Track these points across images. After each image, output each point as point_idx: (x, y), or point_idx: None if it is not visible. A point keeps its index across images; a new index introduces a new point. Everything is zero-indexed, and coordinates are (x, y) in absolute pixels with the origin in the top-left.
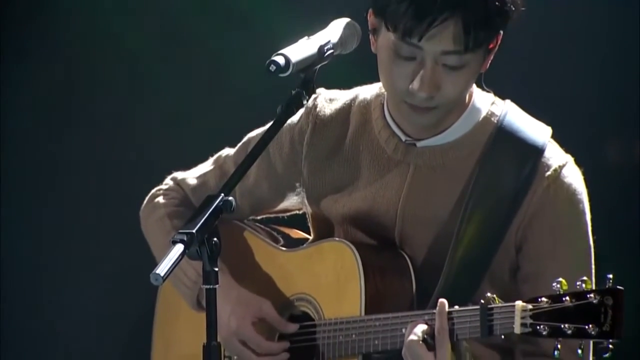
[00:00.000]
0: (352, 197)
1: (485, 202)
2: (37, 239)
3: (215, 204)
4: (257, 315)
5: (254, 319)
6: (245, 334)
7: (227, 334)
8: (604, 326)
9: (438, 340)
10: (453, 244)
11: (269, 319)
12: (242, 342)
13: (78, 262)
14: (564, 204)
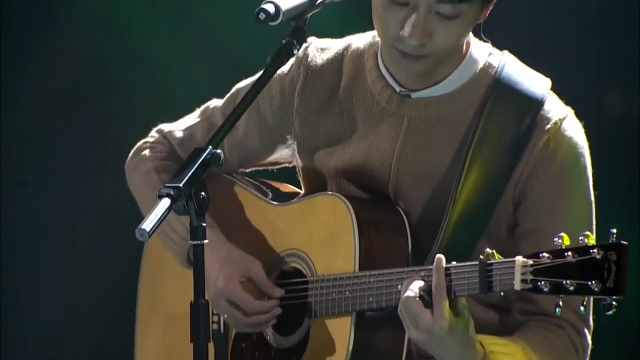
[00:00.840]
0: (346, 150)
1: (483, 157)
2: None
3: (203, 156)
4: (245, 274)
5: (242, 278)
6: (233, 293)
7: (215, 293)
8: (608, 282)
9: (435, 297)
10: (451, 200)
11: (256, 280)
12: (230, 302)
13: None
14: (564, 158)
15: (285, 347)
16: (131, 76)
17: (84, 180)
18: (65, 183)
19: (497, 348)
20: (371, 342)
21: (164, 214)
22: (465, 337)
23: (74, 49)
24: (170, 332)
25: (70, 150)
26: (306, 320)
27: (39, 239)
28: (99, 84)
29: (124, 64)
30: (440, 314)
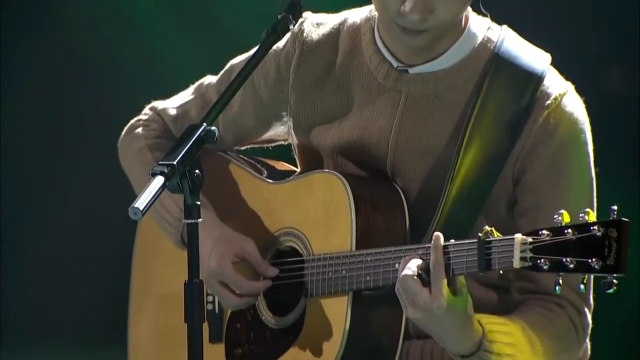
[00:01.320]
0: (342, 127)
1: (482, 133)
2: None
3: (197, 134)
4: (238, 254)
5: (235, 259)
6: (225, 274)
7: (207, 274)
8: (608, 260)
9: (433, 276)
10: (449, 177)
11: (250, 260)
12: (222, 283)
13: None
14: (564, 133)
15: (281, 327)
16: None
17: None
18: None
19: (496, 327)
20: (368, 322)
21: (158, 192)
22: (464, 316)
23: (69, 36)
24: (164, 312)
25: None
26: (302, 300)
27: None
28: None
29: (120, 40)
30: (438, 292)
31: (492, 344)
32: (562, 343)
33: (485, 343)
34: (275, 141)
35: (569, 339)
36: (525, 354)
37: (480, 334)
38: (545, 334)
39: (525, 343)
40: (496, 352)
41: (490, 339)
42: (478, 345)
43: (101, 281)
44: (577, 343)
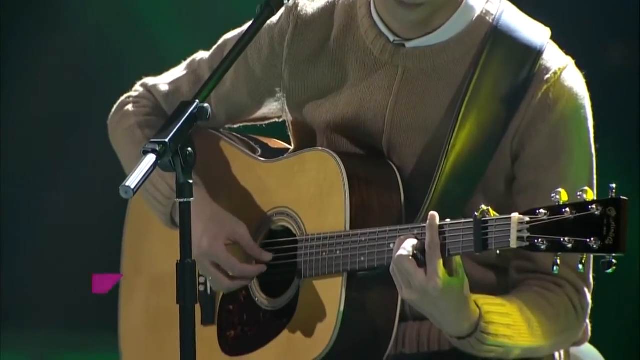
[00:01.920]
0: (337, 103)
1: (478, 108)
2: None
3: (189, 111)
4: (230, 237)
5: (227, 241)
6: (217, 255)
7: (198, 255)
8: (607, 239)
9: (429, 256)
10: (444, 152)
11: (242, 244)
12: (214, 264)
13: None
14: (564, 109)
15: (274, 308)
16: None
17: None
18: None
19: (493, 308)
20: (363, 304)
21: (149, 170)
22: (460, 297)
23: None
24: (156, 293)
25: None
26: (295, 281)
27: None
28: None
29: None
30: (434, 273)
31: (489, 325)
32: (561, 323)
33: (482, 324)
34: (269, 119)
35: (568, 319)
36: (523, 334)
37: (477, 315)
38: (544, 315)
39: (523, 324)
40: (493, 334)
41: (487, 320)
42: (475, 327)
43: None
44: (577, 323)
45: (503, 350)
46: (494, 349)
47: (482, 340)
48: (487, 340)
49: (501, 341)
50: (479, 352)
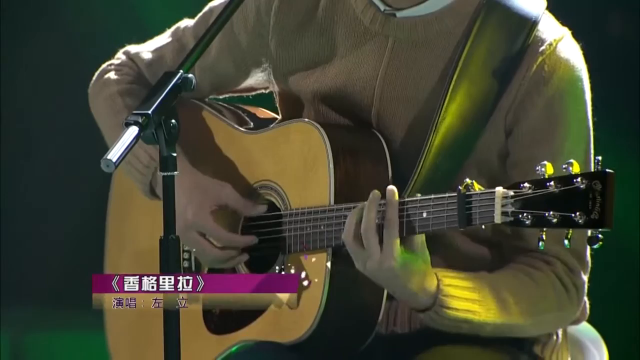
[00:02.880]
0: (325, 73)
1: (469, 79)
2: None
3: (173, 82)
4: (216, 202)
5: (213, 207)
6: (203, 224)
7: (183, 226)
8: (592, 214)
9: (385, 234)
10: (433, 124)
11: (230, 203)
12: (200, 234)
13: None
14: (560, 82)
15: None
16: None
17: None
18: None
19: (454, 282)
20: (349, 279)
21: (131, 143)
22: (419, 275)
23: None
24: (140, 270)
25: None
26: (280, 257)
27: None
28: None
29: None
30: (389, 253)
31: (447, 298)
32: (547, 303)
33: (440, 298)
34: (256, 90)
35: (557, 299)
36: (491, 311)
37: (435, 289)
38: (525, 292)
39: (492, 300)
40: (453, 307)
41: (446, 294)
42: (433, 300)
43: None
44: (569, 303)
45: (468, 326)
46: (458, 325)
47: (441, 314)
48: (446, 314)
49: (464, 316)
50: (441, 326)
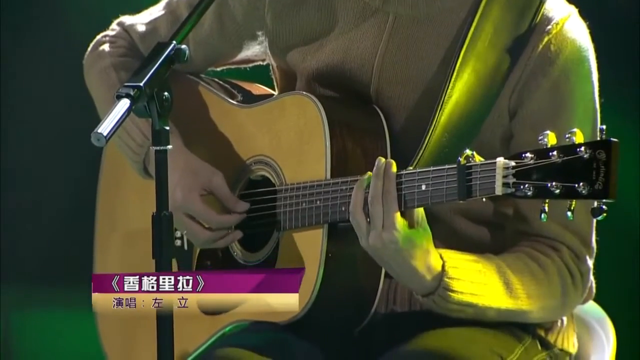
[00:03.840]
0: (323, 49)
1: (477, 57)
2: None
3: (166, 53)
4: (206, 187)
5: (202, 191)
6: (193, 207)
7: (173, 207)
8: (596, 184)
9: (385, 208)
10: (439, 102)
11: (218, 194)
12: (189, 217)
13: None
14: (566, 62)
15: (253, 263)
16: None
17: None
18: None
19: (460, 263)
20: (346, 257)
21: (123, 116)
22: (421, 251)
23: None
24: (131, 248)
25: None
26: (275, 234)
27: None
28: None
29: None
30: (390, 226)
31: (453, 281)
32: (552, 289)
33: (445, 280)
34: (253, 62)
35: (562, 286)
36: (498, 295)
37: (440, 270)
38: (531, 278)
39: (498, 284)
40: (458, 291)
41: (451, 276)
42: (438, 282)
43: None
44: (574, 290)
45: (473, 311)
46: (463, 309)
47: (446, 297)
48: (451, 297)
49: (469, 300)
50: (445, 310)
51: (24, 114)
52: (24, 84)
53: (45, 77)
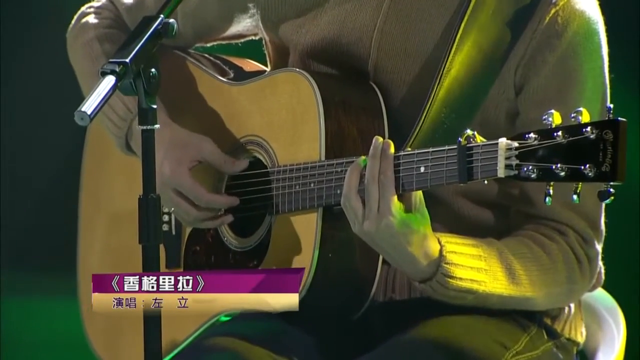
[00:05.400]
0: (317, 22)
1: (479, 29)
2: None
3: (153, 27)
4: (196, 157)
5: (192, 164)
6: (181, 182)
7: (160, 183)
8: (603, 166)
9: (381, 190)
10: (437, 75)
11: (210, 160)
12: (177, 193)
13: None
14: (574, 35)
15: (245, 248)
16: None
17: None
18: None
19: (459, 248)
20: (341, 242)
21: (108, 94)
22: (419, 236)
23: None
24: (116, 232)
25: None
26: (267, 218)
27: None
28: None
29: None
30: (386, 209)
31: (451, 266)
32: (557, 274)
33: (443, 266)
34: (245, 37)
35: (568, 271)
36: (499, 281)
37: (438, 255)
38: (535, 263)
39: (500, 270)
40: (457, 277)
41: (449, 261)
42: (436, 268)
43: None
44: (581, 276)
45: (473, 297)
46: (463, 295)
47: (444, 283)
48: (449, 283)
49: (468, 286)
50: (444, 297)
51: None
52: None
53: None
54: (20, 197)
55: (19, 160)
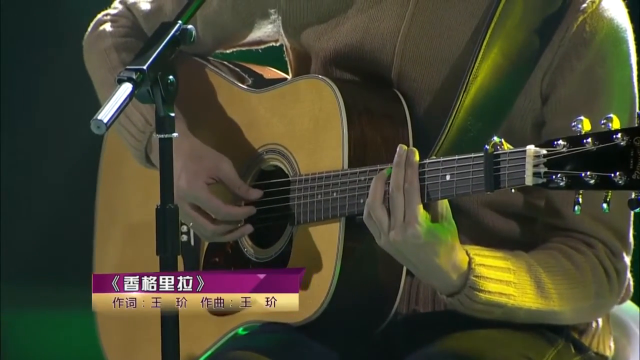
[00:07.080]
0: (340, 29)
1: (506, 36)
2: None
3: (171, 33)
4: (213, 174)
5: (209, 179)
6: (198, 195)
7: (177, 196)
8: (634, 174)
9: (407, 199)
10: (464, 83)
11: (226, 182)
12: (194, 207)
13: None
14: (602, 43)
15: (265, 260)
16: None
17: None
18: None
19: (488, 261)
20: (364, 253)
21: (125, 102)
22: (446, 247)
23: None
24: (133, 243)
25: None
26: (288, 229)
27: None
28: None
29: None
30: (412, 219)
31: (480, 279)
32: (586, 289)
33: (471, 278)
34: (265, 43)
35: (597, 285)
36: (529, 295)
37: (467, 267)
38: (564, 277)
39: (529, 283)
40: (486, 290)
41: (479, 274)
42: (464, 281)
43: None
44: (610, 290)
45: (502, 312)
46: (491, 309)
47: (473, 297)
48: (478, 297)
49: (497, 300)
50: (471, 311)
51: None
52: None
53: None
54: (33, 210)
55: (34, 172)
